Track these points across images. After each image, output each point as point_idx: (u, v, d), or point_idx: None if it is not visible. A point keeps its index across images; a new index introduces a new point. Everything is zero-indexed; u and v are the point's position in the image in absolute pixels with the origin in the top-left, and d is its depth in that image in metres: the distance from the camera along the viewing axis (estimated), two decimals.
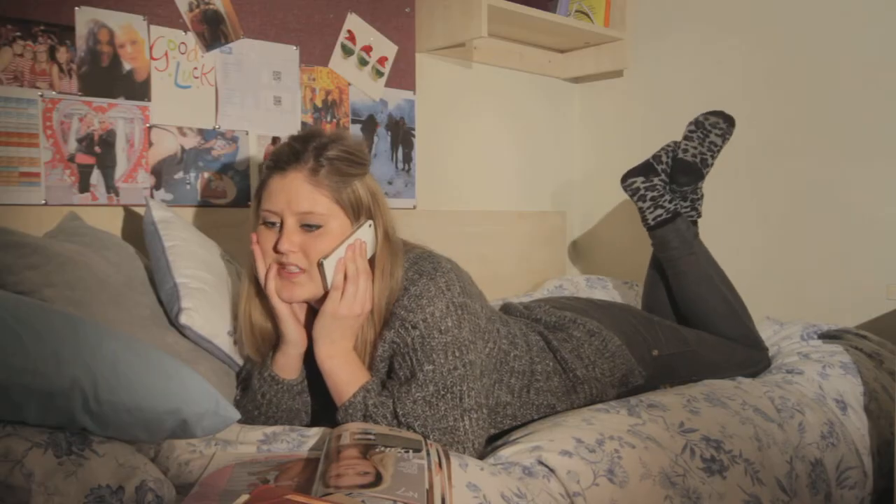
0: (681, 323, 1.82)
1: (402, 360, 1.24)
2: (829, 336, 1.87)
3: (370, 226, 1.25)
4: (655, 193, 1.83)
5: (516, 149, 2.50)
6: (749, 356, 1.76)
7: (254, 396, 1.29)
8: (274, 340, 1.31)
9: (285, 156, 1.22)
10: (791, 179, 2.16)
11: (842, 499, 1.48)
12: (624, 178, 1.90)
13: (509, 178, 2.48)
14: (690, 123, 1.92)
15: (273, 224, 1.23)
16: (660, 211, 1.83)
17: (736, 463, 1.31)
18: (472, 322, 1.28)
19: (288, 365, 1.28)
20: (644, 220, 1.86)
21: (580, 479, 1.15)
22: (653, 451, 1.24)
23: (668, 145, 1.89)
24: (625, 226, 2.54)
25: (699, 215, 1.92)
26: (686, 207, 1.89)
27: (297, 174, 1.20)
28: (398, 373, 1.24)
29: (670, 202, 1.83)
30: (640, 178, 1.85)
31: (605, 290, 2.29)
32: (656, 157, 1.88)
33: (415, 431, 1.18)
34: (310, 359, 1.29)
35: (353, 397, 1.20)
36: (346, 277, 1.22)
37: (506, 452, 1.20)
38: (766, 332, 1.91)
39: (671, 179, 1.88)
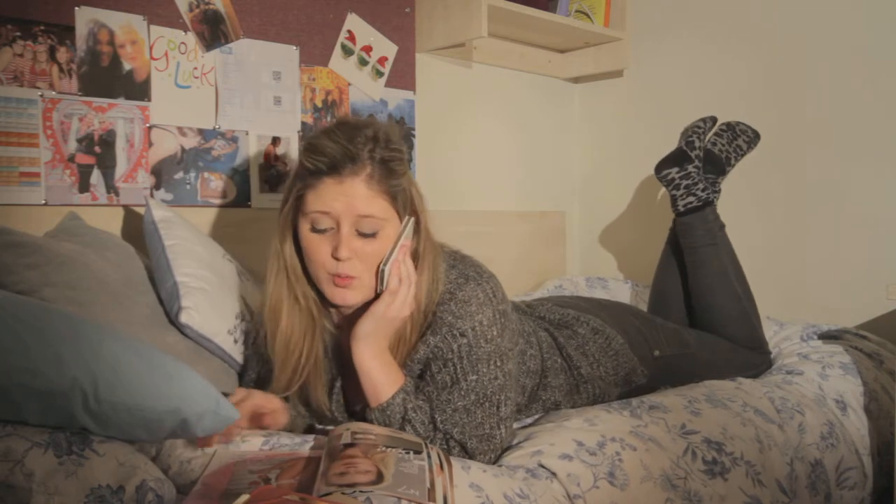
0: (689, 312, 1.85)
1: (442, 366, 1.22)
2: (829, 336, 1.87)
3: (414, 222, 1.22)
4: (689, 182, 1.86)
5: (516, 149, 2.50)
6: (749, 359, 1.76)
7: None
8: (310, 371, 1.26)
9: (339, 157, 1.13)
10: (791, 179, 2.16)
11: (841, 499, 1.47)
12: (658, 169, 1.91)
13: (509, 178, 2.48)
14: (723, 124, 1.98)
15: (324, 230, 1.17)
16: (691, 199, 1.86)
17: (737, 465, 1.30)
18: (510, 329, 1.28)
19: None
20: (674, 206, 1.88)
21: (580, 482, 1.14)
22: (654, 454, 1.24)
23: (699, 127, 1.92)
24: (625, 226, 2.54)
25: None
26: None
27: (354, 179, 1.14)
28: (436, 377, 1.22)
29: (703, 191, 1.86)
30: (675, 169, 1.88)
31: (605, 290, 2.29)
32: (689, 143, 1.90)
33: (453, 439, 1.19)
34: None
35: (392, 398, 1.19)
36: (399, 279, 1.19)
37: (508, 458, 1.21)
38: (766, 333, 1.90)
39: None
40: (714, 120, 1.96)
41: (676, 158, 1.89)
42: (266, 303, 1.23)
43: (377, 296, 1.20)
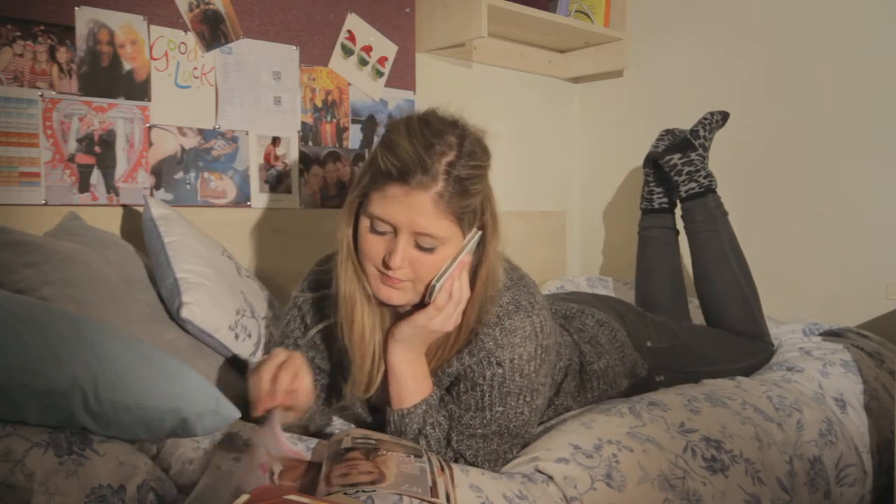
0: (700, 300, 1.87)
1: (471, 387, 1.20)
2: (830, 335, 1.88)
3: (479, 236, 1.17)
4: (692, 168, 1.88)
5: (516, 149, 2.49)
6: (749, 348, 1.77)
7: None
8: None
9: (411, 166, 1.07)
10: (791, 179, 2.16)
11: (841, 496, 1.48)
12: (661, 155, 1.93)
13: (509, 178, 2.48)
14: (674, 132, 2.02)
15: (382, 233, 1.12)
16: (693, 185, 1.88)
17: (736, 462, 1.31)
18: (548, 363, 1.26)
19: None
20: (677, 191, 1.91)
21: (577, 485, 1.14)
22: (651, 454, 1.24)
23: (705, 118, 1.96)
24: (625, 226, 2.54)
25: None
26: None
27: (422, 194, 1.07)
28: (462, 396, 1.21)
29: (705, 178, 1.88)
30: (678, 155, 1.91)
31: (605, 290, 2.29)
32: (693, 132, 1.93)
33: (464, 458, 1.19)
34: None
35: (415, 408, 1.18)
36: (450, 295, 1.15)
37: (506, 466, 1.21)
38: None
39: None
40: (724, 114, 1.98)
41: (680, 145, 1.92)
42: (340, 295, 1.18)
43: (423, 303, 1.16)
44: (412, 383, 1.18)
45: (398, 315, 1.22)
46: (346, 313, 1.18)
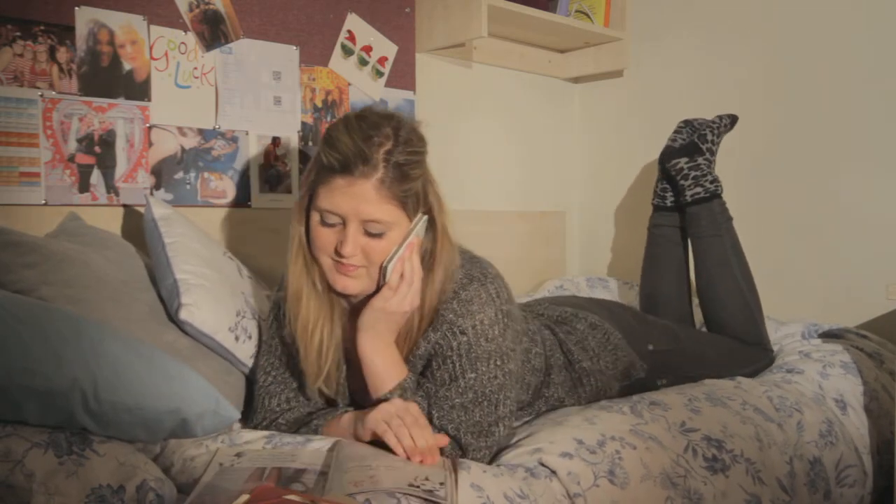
0: (702, 304, 1.87)
1: (442, 362, 1.22)
2: (830, 335, 1.88)
3: (426, 220, 1.23)
4: (698, 172, 1.88)
5: (516, 149, 2.49)
6: (749, 355, 1.76)
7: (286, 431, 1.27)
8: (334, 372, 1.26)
9: (352, 157, 1.14)
10: (790, 179, 2.16)
11: (841, 497, 1.48)
12: (668, 158, 1.92)
13: (509, 178, 2.48)
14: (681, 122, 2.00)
15: (332, 225, 1.18)
16: (699, 189, 1.87)
17: (737, 462, 1.31)
18: (514, 329, 1.28)
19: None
20: (682, 195, 1.90)
21: (580, 481, 1.15)
22: (654, 452, 1.24)
23: (713, 122, 1.95)
24: (625, 226, 2.54)
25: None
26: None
27: (365, 183, 1.14)
28: (435, 373, 1.23)
29: (711, 182, 1.87)
30: (685, 159, 1.90)
31: (605, 290, 2.29)
32: (701, 136, 1.92)
33: (447, 434, 1.19)
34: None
35: (391, 392, 1.20)
36: (402, 276, 1.20)
37: (508, 456, 1.21)
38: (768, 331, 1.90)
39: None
40: (732, 118, 1.97)
41: (687, 149, 1.91)
42: (288, 288, 1.24)
43: (379, 289, 1.21)
44: (384, 370, 1.20)
45: (352, 307, 1.26)
46: (292, 306, 1.24)
